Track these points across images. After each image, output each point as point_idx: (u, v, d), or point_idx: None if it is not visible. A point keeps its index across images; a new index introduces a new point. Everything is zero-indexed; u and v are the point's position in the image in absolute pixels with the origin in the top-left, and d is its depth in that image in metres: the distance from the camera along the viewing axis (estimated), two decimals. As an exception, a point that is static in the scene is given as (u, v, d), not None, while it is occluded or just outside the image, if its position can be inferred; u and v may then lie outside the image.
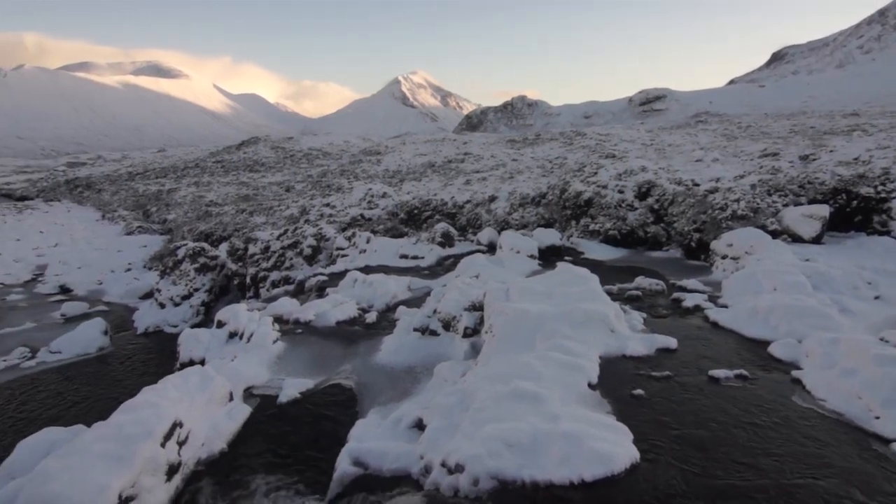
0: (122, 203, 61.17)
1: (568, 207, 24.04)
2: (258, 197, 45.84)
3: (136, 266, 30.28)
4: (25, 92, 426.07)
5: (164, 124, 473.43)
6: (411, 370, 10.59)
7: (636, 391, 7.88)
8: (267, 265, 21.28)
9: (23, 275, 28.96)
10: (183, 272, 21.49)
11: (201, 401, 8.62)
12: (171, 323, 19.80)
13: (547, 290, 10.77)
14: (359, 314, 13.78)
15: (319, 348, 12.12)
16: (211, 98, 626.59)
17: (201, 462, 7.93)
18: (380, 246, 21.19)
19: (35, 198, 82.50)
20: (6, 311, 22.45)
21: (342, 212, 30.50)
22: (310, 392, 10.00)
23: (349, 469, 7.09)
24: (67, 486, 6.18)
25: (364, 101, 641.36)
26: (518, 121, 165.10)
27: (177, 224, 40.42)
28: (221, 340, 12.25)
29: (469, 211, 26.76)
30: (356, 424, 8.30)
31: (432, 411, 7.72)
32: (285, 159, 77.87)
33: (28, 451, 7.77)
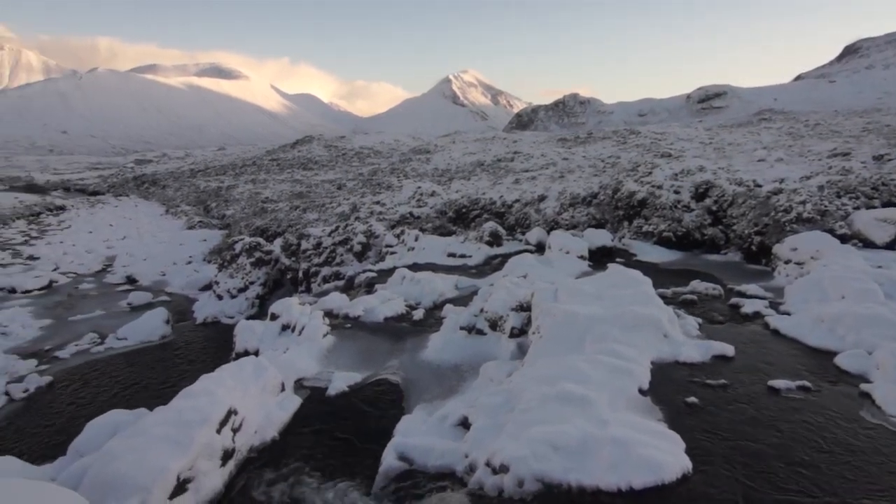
0: (185, 199, 64.30)
1: (620, 208, 23.46)
2: (311, 194, 47.12)
3: (196, 259, 31.77)
4: (98, 93, 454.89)
5: (223, 123, 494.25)
6: (457, 368, 10.62)
7: (690, 399, 7.60)
8: (318, 261, 21.85)
9: (94, 265, 30.94)
10: (239, 266, 22.38)
11: (255, 390, 8.95)
12: (227, 314, 20.65)
13: (597, 292, 10.55)
14: (406, 311, 13.93)
15: (367, 343, 12.34)
16: (268, 98, 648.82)
17: (254, 449, 8.24)
18: (428, 244, 21.34)
19: (106, 193, 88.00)
20: (79, 298, 24.05)
21: (391, 209, 30.91)
22: (357, 386, 10.20)
23: (395, 463, 7.19)
24: (131, 465, 6.56)
25: (414, 101, 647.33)
26: (569, 119, 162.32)
27: (234, 219, 42.11)
28: (274, 332, 12.67)
29: (518, 210, 26.54)
30: (402, 420, 8.40)
31: (478, 410, 7.72)
32: (338, 158, 79.69)
33: (96, 431, 8.31)
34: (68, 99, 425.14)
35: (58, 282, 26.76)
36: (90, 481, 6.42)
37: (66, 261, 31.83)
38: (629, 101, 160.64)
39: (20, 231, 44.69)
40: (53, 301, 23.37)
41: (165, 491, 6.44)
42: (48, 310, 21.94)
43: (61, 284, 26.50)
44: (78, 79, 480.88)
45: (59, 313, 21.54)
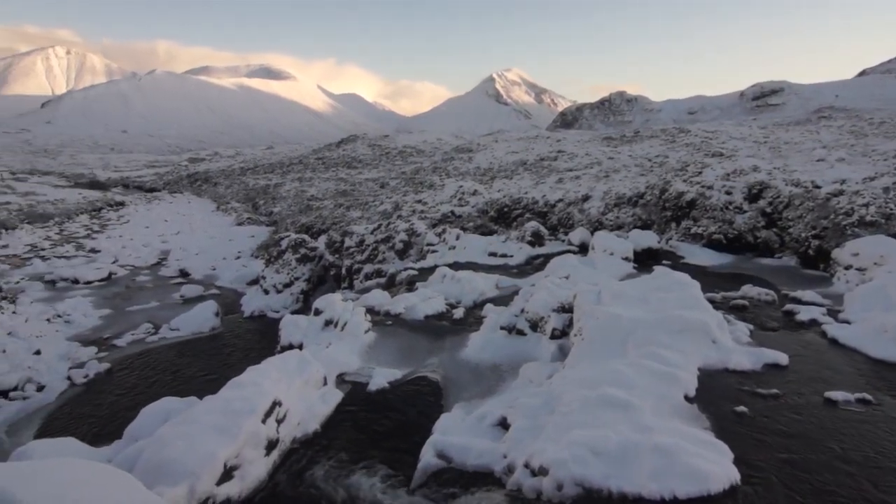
0: (235, 196, 66.56)
1: (668, 209, 22.80)
2: (355, 192, 47.92)
3: (244, 254, 32.87)
4: (156, 94, 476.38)
5: (272, 123, 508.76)
6: (496, 368, 10.58)
7: (739, 408, 7.32)
8: (361, 258, 22.20)
9: (150, 259, 32.46)
10: (285, 262, 23.00)
11: (299, 383, 9.17)
12: (273, 308, 21.26)
13: (642, 295, 10.29)
14: (446, 309, 13.97)
15: (408, 341, 12.46)
16: (315, 98, 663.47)
17: (296, 440, 8.45)
18: (469, 243, 21.35)
19: (161, 189, 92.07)
20: (136, 290, 25.29)
21: (433, 208, 31.07)
22: (397, 382, 10.31)
23: (433, 461, 7.23)
24: (181, 451, 6.84)
25: (457, 100, 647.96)
26: (615, 117, 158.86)
27: (281, 216, 43.30)
28: (318, 327, 12.95)
29: (561, 210, 26.20)
30: (441, 418, 8.44)
31: (517, 411, 7.67)
32: (381, 156, 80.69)
33: (149, 417, 8.71)
34: (128, 100, 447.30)
35: (116, 274, 28.20)
36: (143, 465, 6.74)
37: (125, 254, 33.52)
38: (678, 99, 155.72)
39: (83, 225, 47.34)
40: (112, 292, 24.64)
41: (213, 477, 6.69)
42: (107, 300, 23.16)
43: (120, 276, 27.92)
44: (137, 80, 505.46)
45: (118, 304, 22.71)
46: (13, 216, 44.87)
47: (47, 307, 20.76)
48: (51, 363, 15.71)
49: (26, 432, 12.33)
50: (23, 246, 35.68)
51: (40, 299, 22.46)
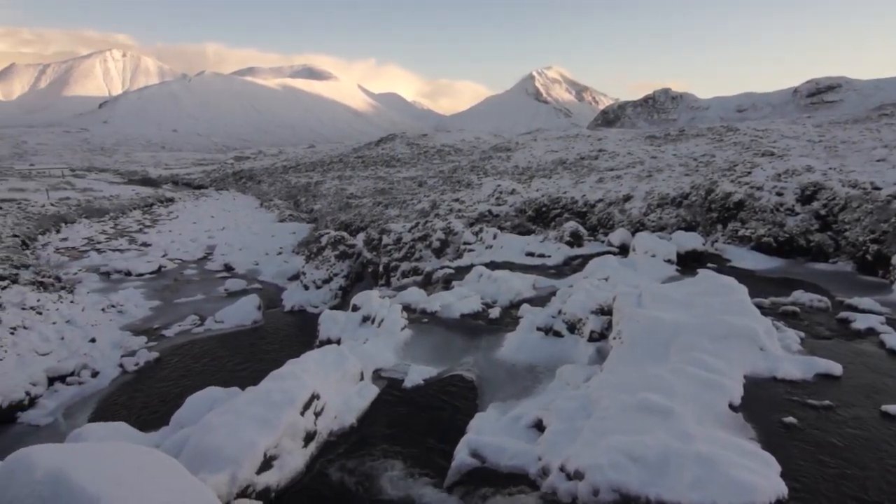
0: (277, 193, 68.23)
1: (714, 210, 22.07)
2: (393, 191, 48.36)
3: (286, 250, 33.63)
4: (204, 95, 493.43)
5: (314, 122, 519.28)
6: (532, 369, 10.49)
7: (787, 419, 7.02)
8: (398, 255, 22.40)
9: (197, 253, 33.62)
10: (325, 258, 23.43)
11: (336, 377, 9.34)
12: (312, 303, 21.69)
13: (685, 299, 9.99)
14: (482, 309, 13.94)
15: (443, 339, 12.49)
16: (355, 97, 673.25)
17: (333, 433, 8.61)
18: (506, 242, 21.23)
19: (208, 187, 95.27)
20: (183, 283, 26.25)
21: (470, 207, 31.04)
22: (433, 380, 10.36)
23: (467, 460, 7.23)
24: (224, 439, 7.07)
25: (496, 98, 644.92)
26: (660, 115, 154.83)
27: (321, 214, 44.12)
28: (355, 323, 13.15)
29: (601, 210, 25.74)
30: (476, 417, 8.43)
31: (553, 413, 7.58)
32: (419, 155, 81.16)
33: (195, 405, 9.04)
34: (179, 100, 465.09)
35: (166, 267, 29.35)
36: (189, 451, 7.00)
37: (174, 248, 34.84)
38: (727, 96, 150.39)
39: (136, 220, 49.51)
40: (162, 284, 25.67)
41: (254, 465, 6.89)
42: (157, 292, 24.13)
43: (169, 269, 29.04)
44: (187, 81, 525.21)
45: (166, 296, 23.63)
46: (72, 211, 47.32)
47: (102, 297, 21.79)
48: (104, 351, 16.49)
49: (81, 415, 12.99)
50: (81, 239, 37.60)
51: (96, 290, 23.60)
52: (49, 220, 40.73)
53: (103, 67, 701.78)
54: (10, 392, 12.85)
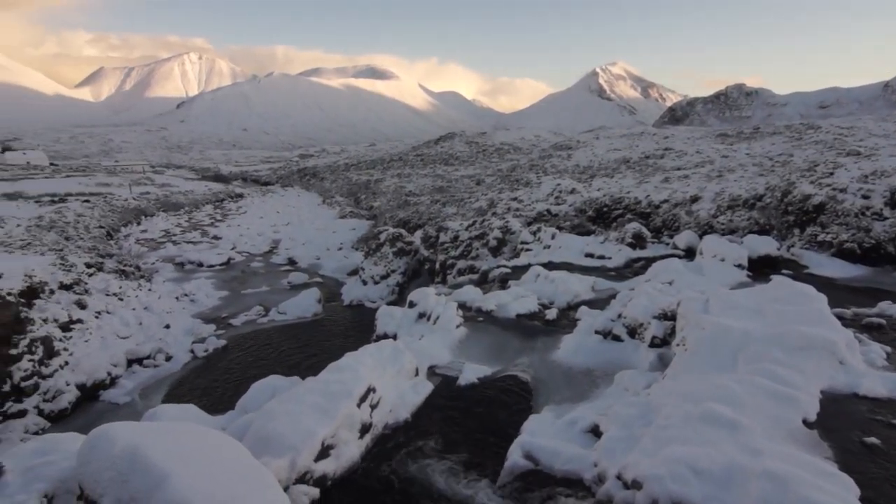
0: (339, 190, 70.12)
1: (790, 213, 20.73)
2: (451, 189, 48.56)
3: (346, 246, 34.55)
4: (272, 95, 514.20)
5: (375, 121, 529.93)
6: (589, 373, 10.25)
7: (869, 439, 6.49)
8: (455, 253, 22.47)
9: (263, 247, 35.15)
10: (383, 254, 23.86)
11: (392, 372, 9.49)
12: (370, 298, 22.16)
13: (756, 307, 9.44)
14: (539, 309, 13.75)
15: (498, 338, 12.43)
16: (415, 96, 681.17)
17: (388, 427, 8.76)
18: (565, 242, 20.84)
19: (275, 183, 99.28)
20: (250, 275, 27.50)
21: (529, 206, 30.68)
22: (487, 379, 10.33)
23: (520, 461, 7.16)
24: (285, 426, 7.34)
25: (557, 95, 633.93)
26: (732, 112, 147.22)
27: (380, 211, 44.95)
28: (411, 319, 13.31)
29: (666, 211, 24.76)
30: (530, 419, 8.33)
31: (610, 419, 7.38)
32: (478, 154, 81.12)
33: (258, 392, 9.44)
34: (249, 100, 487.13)
35: (234, 259, 30.86)
36: (252, 436, 7.31)
37: (242, 241, 36.58)
38: (807, 92, 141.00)
39: (208, 214, 52.32)
40: (230, 276, 27.00)
41: (312, 453, 7.12)
42: (226, 283, 25.41)
43: (237, 262, 30.52)
44: (257, 82, 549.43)
45: (234, 287, 24.84)
46: (151, 205, 50.60)
47: (176, 286, 23.19)
48: (177, 337, 17.54)
49: (156, 396, 13.87)
50: (158, 231, 40.16)
51: (171, 279, 25.15)
52: (131, 213, 43.74)
53: (181, 70, 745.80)
54: (94, 372, 13.90)
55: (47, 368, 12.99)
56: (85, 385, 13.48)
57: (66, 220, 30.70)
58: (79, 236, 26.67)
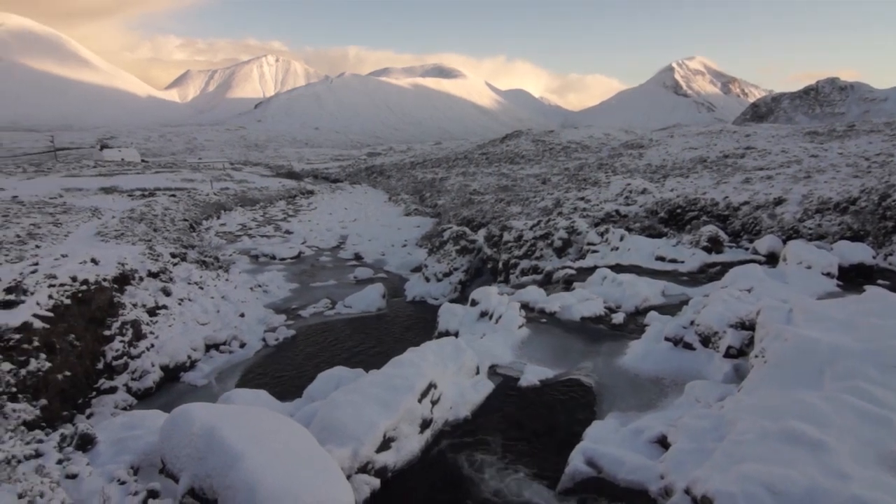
0: (404, 188, 71.30)
1: (889, 218, 18.96)
2: (516, 188, 48.16)
3: (410, 243, 35.08)
4: (343, 95, 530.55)
5: (441, 119, 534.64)
6: (658, 381, 9.85)
7: (980, 472, 5.81)
8: (518, 253, 22.25)
9: (331, 242, 36.34)
10: (446, 252, 24.02)
11: (453, 369, 9.54)
12: (433, 295, 22.38)
13: (847, 319, 8.70)
14: (605, 313, 13.36)
15: (561, 340, 12.19)
16: (482, 95, 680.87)
17: (448, 423, 8.81)
18: (634, 245, 20.13)
19: (343, 181, 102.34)
20: (319, 269, 28.51)
21: (596, 206, 29.87)
22: (549, 381, 10.16)
23: (582, 467, 6.99)
24: (349, 416, 7.55)
25: (629, 92, 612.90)
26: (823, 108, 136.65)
27: (445, 209, 45.29)
28: (473, 318, 13.32)
29: (746, 214, 23.34)
30: (593, 424, 8.12)
31: (679, 430, 7.05)
32: (544, 152, 79.93)
33: (324, 381, 9.78)
34: (321, 100, 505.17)
35: (304, 253, 32.10)
36: (317, 423, 7.57)
37: (312, 236, 37.99)
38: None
39: (281, 210, 54.70)
40: (300, 269, 28.11)
41: (374, 444, 7.28)
42: (296, 276, 26.48)
43: (307, 256, 31.73)
44: (329, 83, 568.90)
45: (304, 279, 25.85)
46: (230, 200, 53.53)
47: (250, 278, 24.42)
48: (251, 325, 18.47)
49: (230, 380, 14.68)
50: (236, 225, 42.44)
51: (246, 270, 26.51)
52: (211, 208, 46.48)
53: (259, 72, 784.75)
54: (176, 355, 14.90)
55: (135, 350, 14.06)
56: (168, 366, 14.48)
57: (154, 213, 33.09)
58: (165, 228, 28.67)
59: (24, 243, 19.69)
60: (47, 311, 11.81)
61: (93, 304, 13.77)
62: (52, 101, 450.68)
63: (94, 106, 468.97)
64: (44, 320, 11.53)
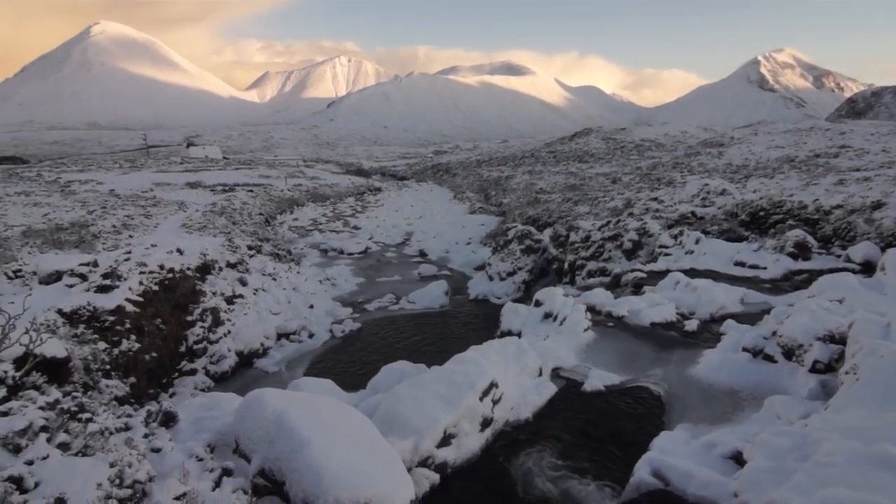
0: (470, 186, 71.41)
1: None
2: (584, 187, 46.98)
3: (474, 241, 35.09)
4: (412, 94, 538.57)
5: (508, 117, 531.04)
6: (733, 393, 9.29)
7: None
8: (585, 254, 21.69)
9: (397, 238, 37.02)
10: (511, 251, 23.83)
11: (515, 369, 9.45)
12: (496, 294, 22.26)
13: (957, 336, 7.85)
14: (677, 319, 12.77)
15: (629, 346, 11.77)
16: (551, 92, 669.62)
17: (508, 424, 8.73)
18: (711, 248, 19.09)
19: (410, 178, 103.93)
20: (384, 264, 29.13)
21: (670, 207, 28.57)
22: (615, 387, 9.85)
23: (648, 479, 6.71)
24: (411, 410, 7.66)
25: (710, 87, 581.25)
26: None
27: (510, 207, 44.94)
28: (537, 318, 13.13)
29: (839, 218, 21.53)
30: (661, 435, 7.78)
31: (757, 447, 6.61)
32: (615, 150, 77.54)
33: (388, 374, 9.96)
34: (390, 99, 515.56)
35: (371, 249, 32.91)
36: (380, 415, 7.73)
37: (378, 232, 38.88)
38: None
39: (350, 206, 56.36)
40: (367, 264, 28.85)
41: (434, 439, 7.34)
42: (362, 270, 27.19)
43: (373, 251, 32.52)
44: (398, 82, 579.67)
45: (370, 274, 26.50)
46: (303, 195, 55.78)
47: (320, 271, 25.33)
48: (319, 317, 19.15)
49: (299, 369, 15.29)
50: (307, 220, 44.16)
51: (315, 264, 27.51)
52: (285, 203, 48.61)
53: (332, 72, 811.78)
54: (250, 342, 15.71)
55: (214, 335, 14.94)
56: (242, 353, 15.29)
57: (233, 207, 35.03)
58: (243, 221, 30.27)
59: (119, 233, 21.45)
60: (138, 297, 12.77)
61: (177, 291, 14.77)
62: (146, 101, 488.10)
63: (183, 106, 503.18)
64: (135, 304, 12.48)
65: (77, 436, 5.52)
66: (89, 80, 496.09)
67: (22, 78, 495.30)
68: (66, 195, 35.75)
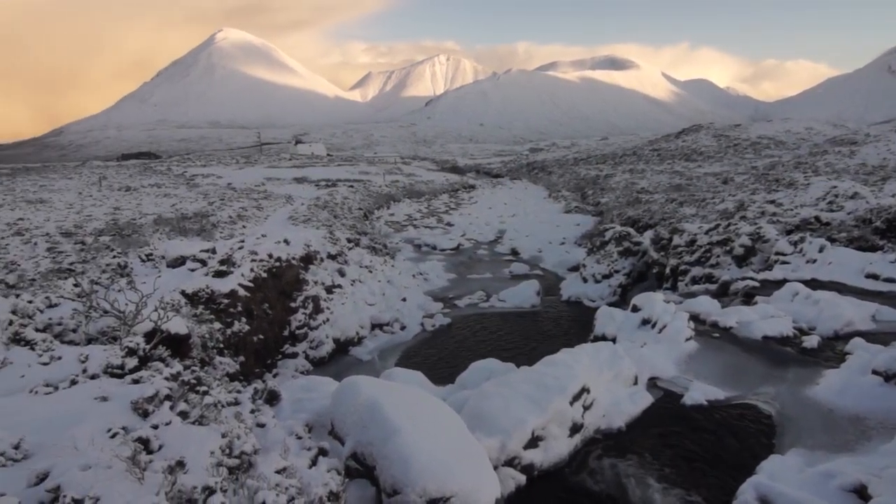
0: (565, 185, 69.64)
1: None
2: (691, 187, 44.08)
3: (568, 241, 34.21)
4: (509, 91, 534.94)
5: (609, 113, 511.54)
6: (858, 420, 8.30)
7: None
8: (690, 259, 20.37)
9: (489, 236, 37.02)
10: (607, 253, 22.96)
11: (608, 376, 9.11)
12: (589, 297, 21.57)
13: None
14: (794, 334, 11.61)
15: (736, 360, 10.91)
16: (656, 86, 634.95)
17: (599, 431, 8.44)
18: (837, 258, 17.16)
19: (504, 176, 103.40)
20: (476, 261, 29.27)
21: (790, 211, 26.02)
22: (718, 403, 9.18)
23: (753, 504, 6.20)
24: (498, 408, 7.64)
25: (840, 79, 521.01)
26: None
27: (608, 207, 43.27)
28: (634, 324, 12.55)
29: None
30: (770, 458, 7.15)
31: (885, 483, 5.88)
32: (727, 148, 71.90)
33: (476, 371, 10.02)
34: (487, 97, 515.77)
35: (463, 245, 33.21)
36: (467, 411, 7.80)
37: (471, 230, 39.12)
38: None
39: (444, 202, 57.22)
40: (458, 260, 29.15)
41: (521, 440, 7.28)
42: (454, 266, 27.52)
43: (465, 248, 32.79)
44: (496, 80, 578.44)
45: (461, 271, 26.76)
46: (399, 192, 57.50)
47: (413, 265, 26.00)
48: (411, 310, 19.67)
49: (391, 359, 15.81)
50: (403, 215, 45.48)
51: (409, 258, 28.28)
52: (383, 198, 50.40)
53: (431, 71, 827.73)
54: (346, 330, 16.50)
55: (314, 322, 15.86)
56: (339, 340, 16.09)
57: (335, 202, 36.93)
58: (343, 215, 31.84)
59: (234, 223, 23.41)
60: (249, 282, 13.87)
61: (283, 279, 15.85)
62: (261, 102, 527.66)
63: (293, 106, 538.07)
64: (246, 289, 13.57)
65: (195, 406, 6.12)
66: (213, 83, 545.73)
67: (157, 81, 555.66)
68: (191, 188, 39.71)
